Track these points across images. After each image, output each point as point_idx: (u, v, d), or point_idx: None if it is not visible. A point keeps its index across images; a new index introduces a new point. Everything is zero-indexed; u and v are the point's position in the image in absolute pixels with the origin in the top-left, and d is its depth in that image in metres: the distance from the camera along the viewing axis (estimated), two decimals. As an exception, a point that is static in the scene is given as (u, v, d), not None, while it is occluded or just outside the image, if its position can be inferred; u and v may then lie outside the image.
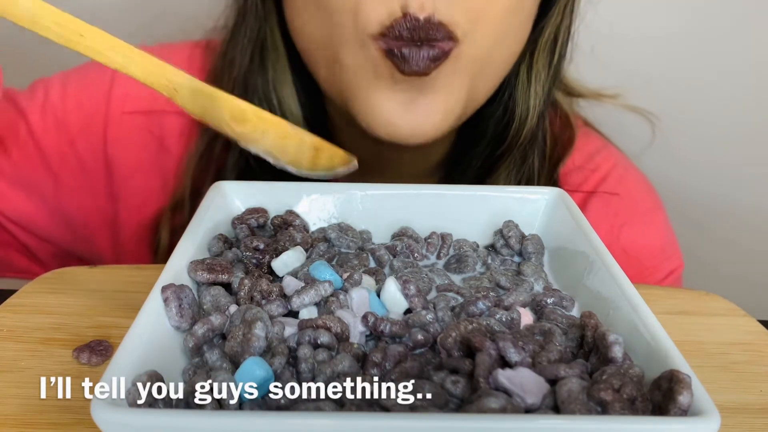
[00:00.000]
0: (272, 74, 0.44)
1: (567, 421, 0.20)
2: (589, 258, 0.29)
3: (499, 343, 0.23)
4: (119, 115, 0.30)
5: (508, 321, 0.26)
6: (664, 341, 0.23)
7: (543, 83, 0.44)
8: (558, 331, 0.26)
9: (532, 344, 0.24)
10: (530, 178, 0.47)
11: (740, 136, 0.71)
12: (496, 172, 0.46)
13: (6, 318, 0.32)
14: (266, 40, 0.43)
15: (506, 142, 0.45)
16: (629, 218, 0.49)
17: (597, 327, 0.25)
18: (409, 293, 0.27)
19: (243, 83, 0.44)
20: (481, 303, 0.27)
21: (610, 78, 0.52)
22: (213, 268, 0.27)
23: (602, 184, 0.50)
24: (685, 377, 0.21)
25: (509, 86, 0.44)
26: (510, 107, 0.44)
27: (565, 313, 0.28)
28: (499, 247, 0.33)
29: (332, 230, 0.32)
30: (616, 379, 0.22)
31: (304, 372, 0.23)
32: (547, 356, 0.23)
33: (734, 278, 0.64)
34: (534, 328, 0.26)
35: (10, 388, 0.27)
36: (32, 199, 0.48)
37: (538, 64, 0.44)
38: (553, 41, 0.43)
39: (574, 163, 0.49)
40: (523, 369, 0.23)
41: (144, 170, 0.49)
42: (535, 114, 0.44)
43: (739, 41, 0.67)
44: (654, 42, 0.66)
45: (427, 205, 0.34)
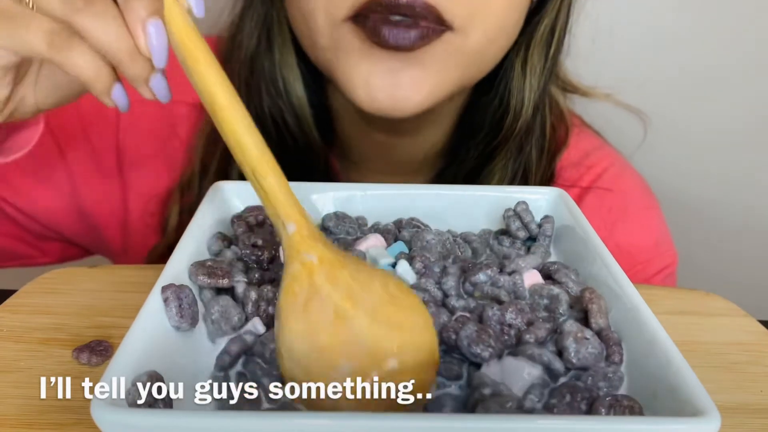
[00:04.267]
0: (278, 57, 0.45)
1: (567, 422, 0.20)
2: (589, 258, 0.29)
3: (463, 342, 0.24)
4: (132, 103, 0.31)
5: (510, 287, 0.27)
6: (664, 341, 0.23)
7: (538, 76, 0.44)
8: (565, 297, 0.27)
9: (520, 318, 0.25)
10: (527, 168, 0.47)
11: (736, 137, 0.71)
12: (493, 162, 0.46)
13: (6, 318, 0.32)
14: (272, 24, 0.44)
15: (502, 133, 0.45)
16: (623, 214, 0.50)
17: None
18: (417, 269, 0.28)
19: (250, 65, 0.45)
20: (482, 274, 0.27)
21: (603, 79, 0.52)
22: (213, 272, 0.27)
23: (597, 181, 0.50)
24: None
25: (505, 78, 0.45)
26: (505, 99, 0.45)
27: (575, 279, 0.28)
28: (514, 229, 0.32)
29: (329, 219, 0.32)
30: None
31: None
32: (535, 334, 0.24)
33: (734, 278, 0.64)
34: (542, 290, 0.27)
35: (10, 388, 0.27)
36: (44, 186, 0.48)
37: (533, 57, 0.44)
38: (549, 34, 0.44)
39: (570, 159, 0.50)
40: (501, 362, 0.23)
41: (154, 158, 0.49)
42: (530, 106, 0.45)
43: (734, 42, 0.67)
44: (648, 43, 0.67)
45: (427, 204, 0.34)
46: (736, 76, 0.68)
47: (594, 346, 0.24)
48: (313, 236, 0.24)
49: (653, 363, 0.23)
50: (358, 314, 0.23)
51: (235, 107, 0.24)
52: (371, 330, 0.22)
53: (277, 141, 0.46)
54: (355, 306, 0.23)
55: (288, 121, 0.45)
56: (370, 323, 0.22)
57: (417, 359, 0.22)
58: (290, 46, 0.45)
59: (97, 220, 0.51)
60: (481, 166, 0.47)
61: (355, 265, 0.24)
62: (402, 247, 0.30)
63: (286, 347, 0.23)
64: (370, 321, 0.22)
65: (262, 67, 0.45)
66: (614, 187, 0.50)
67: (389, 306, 0.23)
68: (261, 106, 0.45)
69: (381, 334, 0.22)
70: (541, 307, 0.27)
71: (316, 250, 0.23)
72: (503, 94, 0.45)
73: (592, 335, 0.24)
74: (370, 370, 0.22)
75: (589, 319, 0.25)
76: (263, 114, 0.45)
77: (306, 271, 0.23)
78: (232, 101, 0.24)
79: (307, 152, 0.47)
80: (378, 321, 0.23)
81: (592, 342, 0.24)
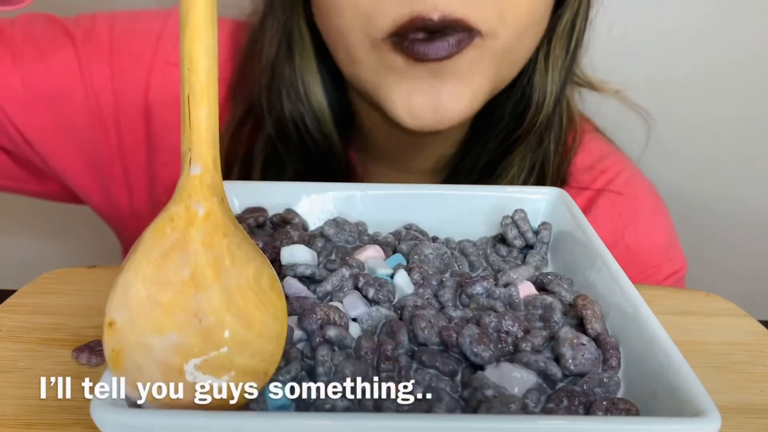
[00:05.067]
0: (299, 63, 0.45)
1: (567, 422, 0.20)
2: (589, 258, 0.29)
3: (465, 340, 0.24)
4: (163, 65, 0.31)
5: (506, 298, 0.27)
6: (665, 341, 0.23)
7: (560, 69, 0.45)
8: (558, 306, 0.26)
9: (517, 325, 0.25)
10: (545, 161, 0.48)
11: (740, 135, 0.71)
12: (512, 154, 0.47)
13: (6, 318, 0.32)
14: (293, 30, 0.45)
15: (523, 127, 0.46)
16: (634, 218, 0.50)
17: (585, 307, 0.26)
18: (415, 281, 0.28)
19: (270, 71, 0.46)
20: (479, 286, 0.27)
21: (613, 76, 0.53)
22: None
23: (609, 186, 0.51)
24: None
25: (527, 72, 0.45)
26: (528, 92, 0.45)
27: (568, 288, 0.28)
28: (511, 238, 0.32)
29: (329, 226, 0.32)
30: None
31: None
32: (531, 342, 0.24)
33: (734, 279, 0.64)
34: (536, 300, 0.27)
35: (10, 388, 0.27)
36: (61, 127, 0.48)
37: (556, 50, 0.45)
38: (571, 28, 0.44)
39: (583, 163, 0.50)
40: (498, 367, 0.23)
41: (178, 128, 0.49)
42: (552, 99, 0.45)
43: (737, 41, 0.67)
44: (653, 42, 0.67)
45: (428, 205, 0.34)
46: (743, 76, 0.68)
47: (590, 351, 0.24)
48: (213, 189, 0.22)
49: (653, 363, 0.23)
50: (214, 288, 0.21)
51: (208, 28, 0.22)
52: (218, 310, 0.20)
53: (298, 144, 0.46)
54: (216, 277, 0.21)
55: (308, 125, 0.46)
56: (221, 303, 0.21)
57: (248, 365, 0.21)
58: (311, 51, 0.45)
59: (109, 171, 0.50)
60: (499, 157, 0.47)
61: (238, 240, 0.22)
62: (400, 259, 0.30)
63: (124, 282, 0.21)
64: (222, 301, 0.21)
65: (283, 72, 0.45)
66: (626, 192, 0.50)
67: (250, 295, 0.21)
68: (282, 111, 0.46)
69: (225, 320, 0.20)
70: (535, 318, 0.27)
71: (208, 204, 0.22)
72: (526, 88, 0.45)
73: (588, 341, 0.24)
74: (193, 354, 0.20)
75: (584, 325, 0.25)
76: (284, 118, 0.46)
77: (186, 219, 0.21)
78: (207, 22, 0.22)
79: (328, 155, 0.47)
80: (231, 305, 0.21)
81: (589, 347, 0.24)
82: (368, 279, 0.27)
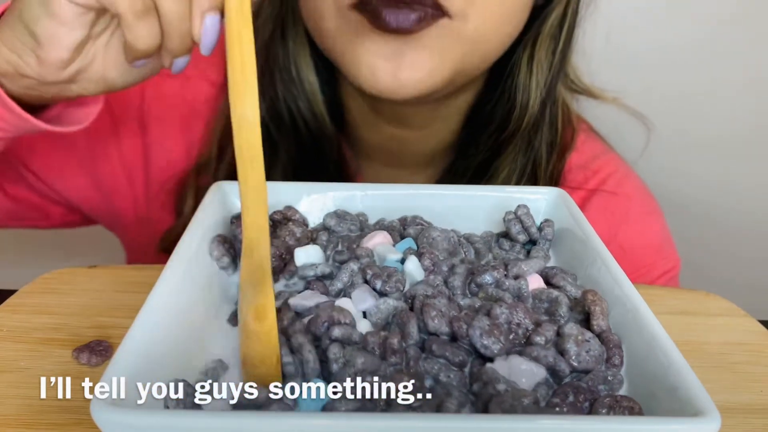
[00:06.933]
0: (291, 46, 0.47)
1: (567, 422, 0.20)
2: (589, 258, 0.29)
3: (476, 332, 0.24)
4: (158, 75, 0.32)
5: (515, 290, 0.27)
6: (664, 341, 0.23)
7: (545, 72, 0.45)
8: (565, 300, 0.27)
9: (528, 318, 0.25)
10: (537, 163, 0.48)
11: (737, 142, 0.71)
12: (503, 155, 0.47)
13: (6, 318, 0.32)
14: (287, 14, 0.46)
15: (509, 128, 0.46)
16: (627, 218, 0.50)
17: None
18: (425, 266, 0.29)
19: (264, 53, 0.47)
20: (488, 275, 0.28)
21: (609, 84, 0.53)
22: None
23: (602, 185, 0.50)
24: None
25: (512, 73, 0.45)
26: (512, 94, 0.46)
27: (573, 282, 0.28)
28: (515, 233, 0.32)
29: (330, 218, 0.33)
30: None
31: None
32: (544, 335, 0.24)
33: (734, 279, 0.64)
34: (542, 294, 0.27)
35: (10, 388, 0.27)
36: (62, 146, 0.48)
37: (540, 52, 0.45)
38: (557, 29, 0.44)
39: (577, 162, 0.50)
40: (508, 359, 0.23)
41: (174, 134, 0.50)
42: (537, 102, 0.45)
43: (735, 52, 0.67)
44: (652, 52, 0.67)
45: (428, 204, 0.34)
46: (737, 86, 0.68)
47: (594, 348, 0.24)
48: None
49: (653, 363, 0.23)
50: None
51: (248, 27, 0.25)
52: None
53: (291, 126, 0.47)
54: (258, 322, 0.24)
55: (300, 106, 0.47)
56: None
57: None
58: (304, 39, 0.46)
59: (114, 187, 0.51)
60: (490, 159, 0.48)
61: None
62: (410, 243, 0.30)
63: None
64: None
65: (276, 55, 0.47)
66: (618, 191, 0.50)
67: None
68: (275, 93, 0.47)
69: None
70: (541, 311, 0.27)
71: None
72: (510, 89, 0.46)
73: (593, 337, 0.24)
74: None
75: (590, 321, 0.25)
76: (277, 100, 0.47)
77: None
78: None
79: (320, 138, 0.48)
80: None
81: (593, 344, 0.24)
82: (375, 271, 0.27)
